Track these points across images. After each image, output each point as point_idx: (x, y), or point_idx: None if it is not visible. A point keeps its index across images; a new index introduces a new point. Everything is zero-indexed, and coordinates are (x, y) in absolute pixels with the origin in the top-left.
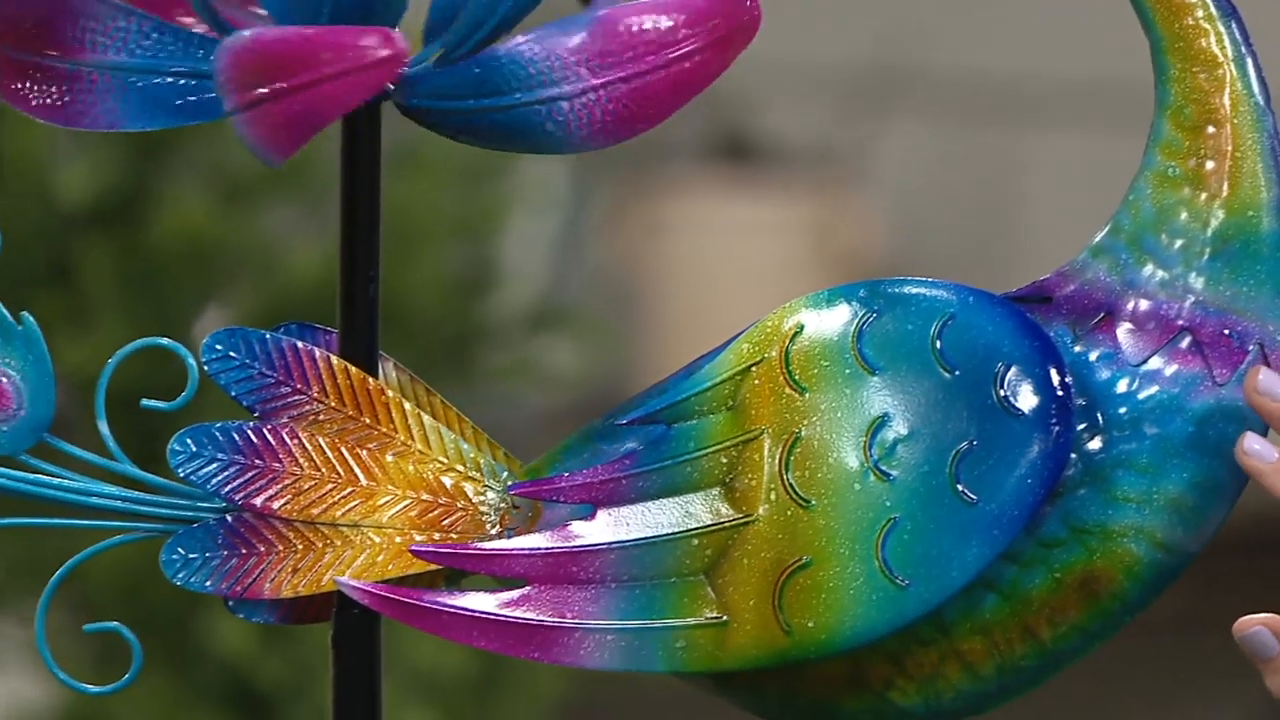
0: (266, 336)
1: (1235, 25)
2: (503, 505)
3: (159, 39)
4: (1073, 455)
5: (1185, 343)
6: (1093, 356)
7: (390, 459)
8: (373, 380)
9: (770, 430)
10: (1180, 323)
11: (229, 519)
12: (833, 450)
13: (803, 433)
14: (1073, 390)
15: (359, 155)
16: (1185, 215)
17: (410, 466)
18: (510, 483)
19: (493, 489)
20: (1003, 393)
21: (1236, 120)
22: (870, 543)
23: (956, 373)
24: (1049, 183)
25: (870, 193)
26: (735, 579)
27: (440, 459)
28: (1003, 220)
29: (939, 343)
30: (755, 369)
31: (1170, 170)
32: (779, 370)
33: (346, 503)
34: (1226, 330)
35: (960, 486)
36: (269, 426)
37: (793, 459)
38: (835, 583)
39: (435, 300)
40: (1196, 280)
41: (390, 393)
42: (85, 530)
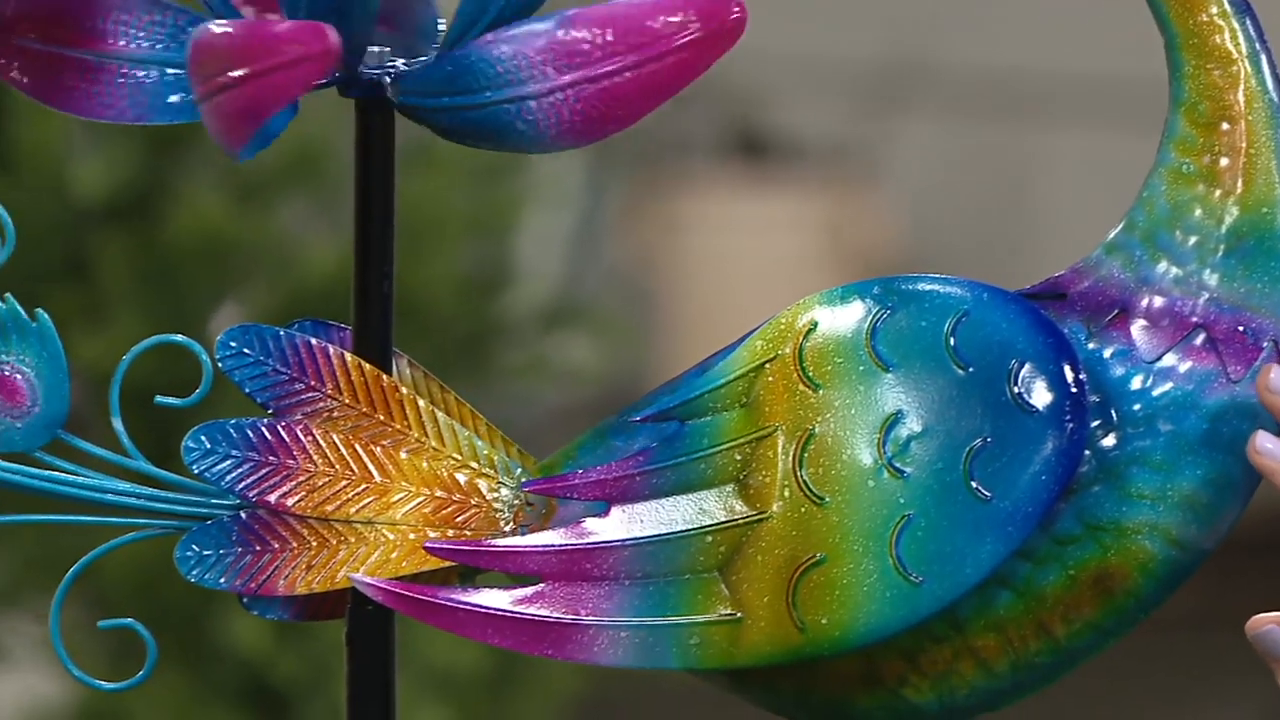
0: (280, 333)
1: (1250, 21)
2: (516, 502)
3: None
4: (1087, 452)
5: (1199, 339)
6: (1107, 353)
7: (404, 456)
8: (387, 377)
9: (784, 427)
10: (1194, 319)
11: (243, 516)
12: (847, 447)
13: (816, 429)
14: (1087, 387)
15: (373, 152)
16: (1199, 212)
17: (424, 463)
18: (524, 479)
19: (507, 486)
20: (1017, 389)
21: (1251, 117)
22: (884, 540)
23: (970, 369)
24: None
25: (885, 189)
26: (749, 576)
27: (454, 456)
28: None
29: (953, 339)
30: (769, 366)
31: (1185, 167)
32: (793, 367)
33: (360, 499)
34: (1241, 327)
35: (974, 483)
36: (283, 423)
37: (806, 456)
38: (849, 580)
39: (450, 297)
40: (1211, 277)
41: (404, 390)
42: (100, 527)
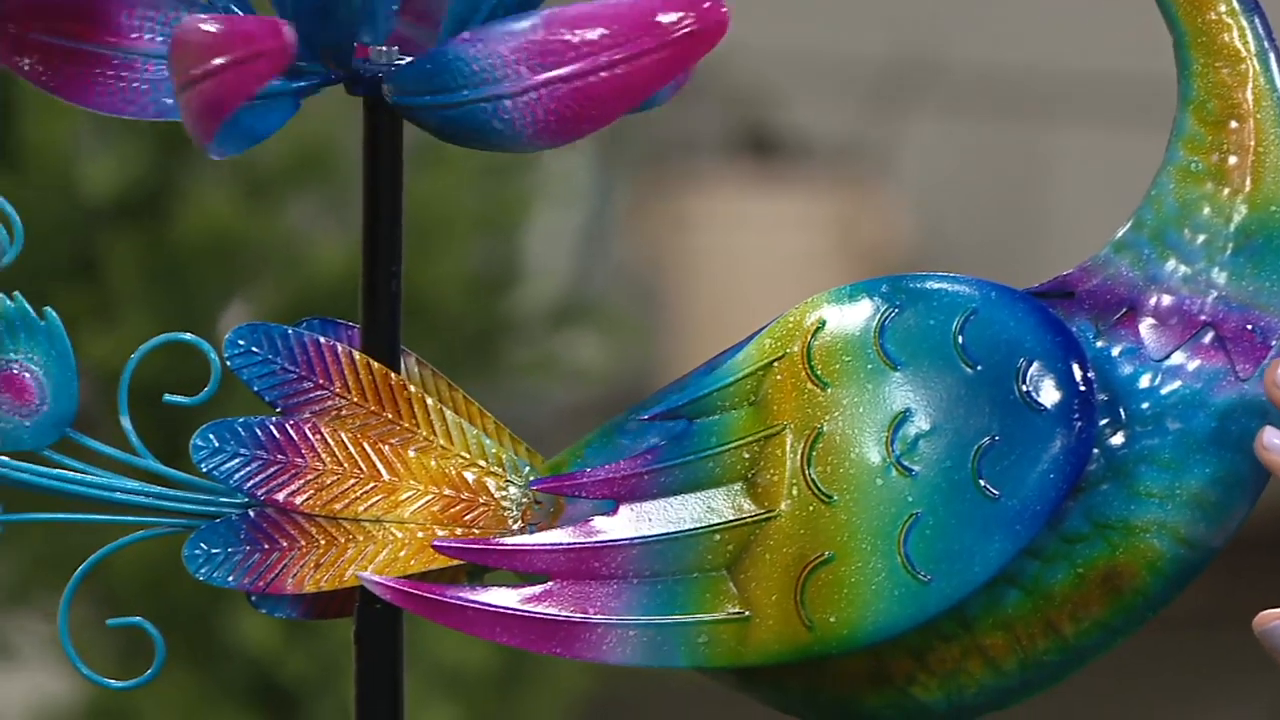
0: (289, 331)
1: (1258, 20)
2: (525, 500)
3: None
4: (1095, 450)
5: (1208, 338)
6: (1115, 352)
7: (412, 454)
8: (395, 375)
9: (792, 425)
10: (1203, 318)
11: (251, 514)
12: (855, 445)
13: (825, 428)
14: (1095, 385)
15: (381, 150)
16: (1208, 210)
17: (432, 462)
18: (532, 478)
19: (515, 484)
20: (1025, 388)
21: (1259, 115)
22: (892, 538)
23: (979, 368)
24: (1072, 178)
25: (894, 188)
26: (757, 574)
27: (462, 454)
28: (1026, 215)
29: (961, 338)
30: (777, 364)
31: (1193, 165)
32: (801, 365)
33: (369, 498)
34: (1249, 325)
35: (982, 482)
36: (291, 422)
37: (815, 454)
38: (857, 578)
39: (458, 295)
40: (1219, 275)
41: (412, 388)
42: (108, 525)
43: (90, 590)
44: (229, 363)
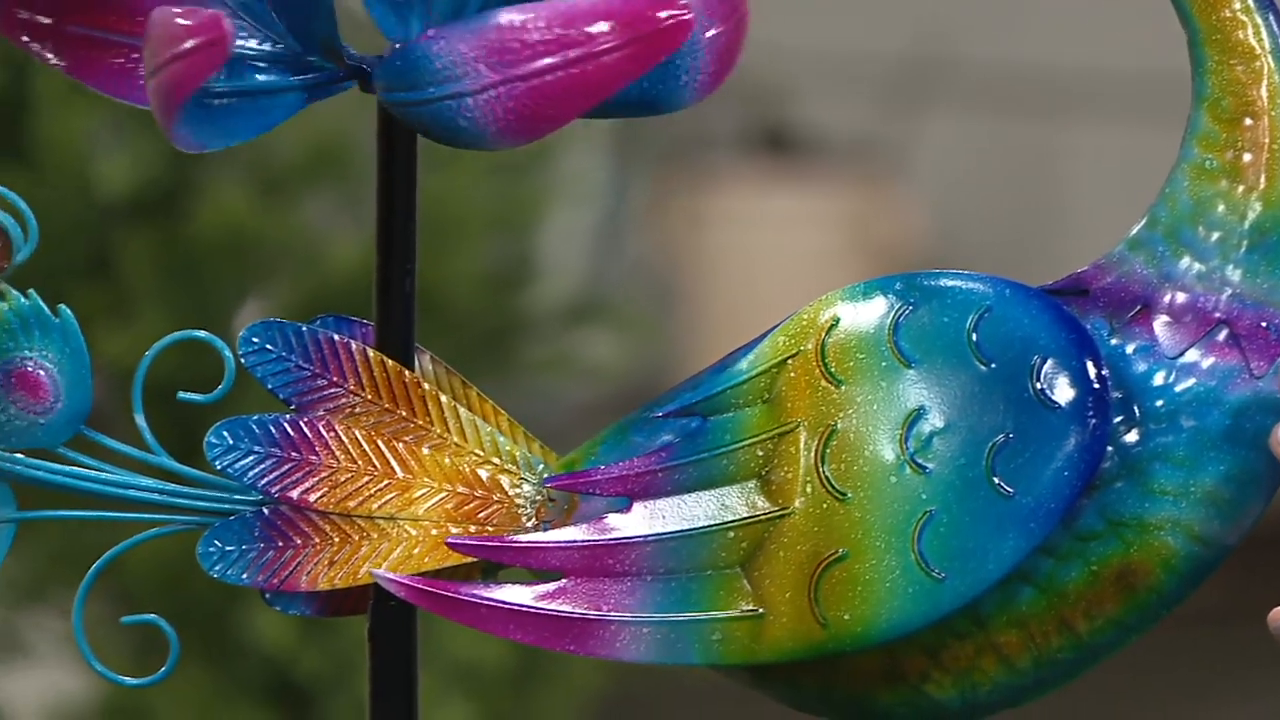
0: (303, 329)
1: (1273, 17)
2: (539, 498)
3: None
4: (1109, 448)
5: (1222, 335)
6: (1129, 349)
7: (426, 452)
8: (409, 373)
9: (806, 423)
10: (1217, 315)
11: (266, 512)
12: (869, 443)
13: (839, 425)
14: (1109, 383)
15: (395, 147)
16: (1222, 208)
17: (446, 459)
18: (546, 475)
19: (529, 482)
20: (1039, 385)
21: (1274, 112)
22: (906, 535)
23: (993, 365)
24: (1087, 175)
25: (909, 185)
26: (771, 572)
27: (476, 452)
28: (1041, 213)
29: (975, 335)
30: (791, 362)
31: (1207, 163)
32: (815, 363)
33: (383, 495)
34: (1264, 323)
35: (996, 479)
36: (305, 419)
37: (829, 452)
38: (871, 575)
39: (473, 293)
40: (1234, 273)
41: (427, 385)
42: (123, 523)
43: (106, 587)
44: (243, 360)
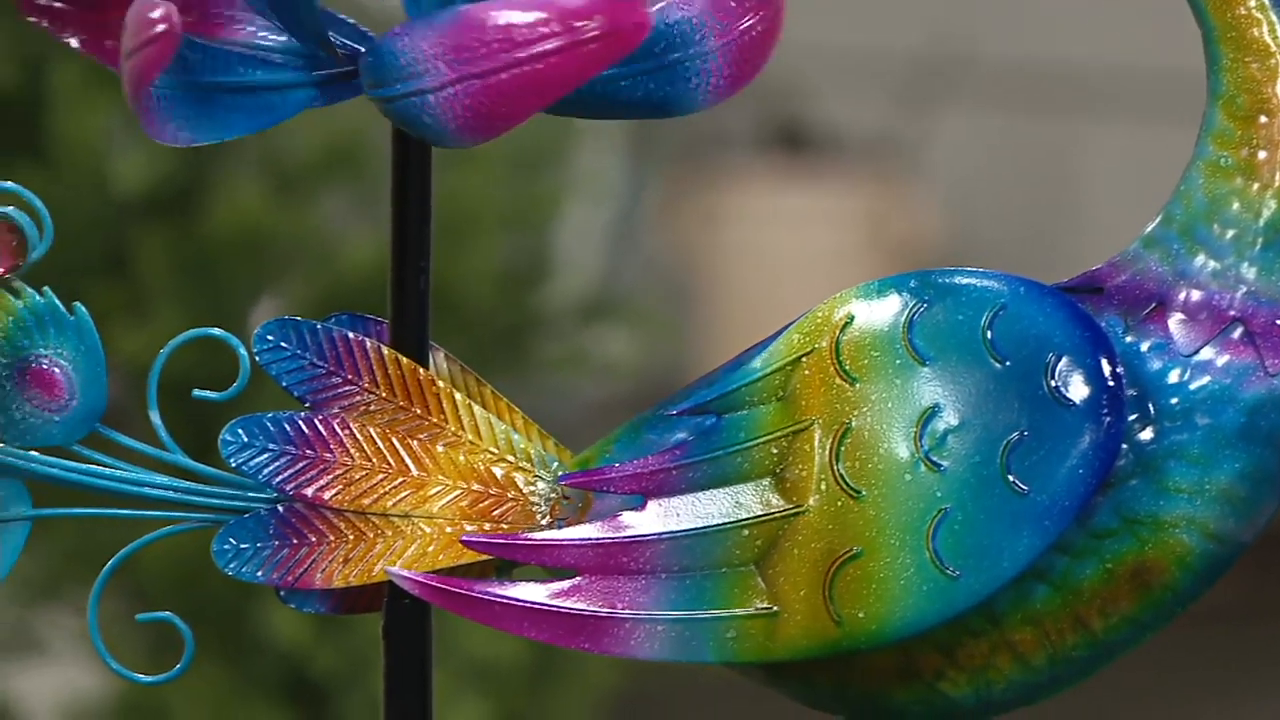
0: (318, 327)
1: None
2: (553, 496)
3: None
4: (1124, 446)
5: (1237, 333)
6: (1144, 347)
7: (441, 449)
8: (423, 371)
9: (821, 421)
10: (1232, 313)
11: (280, 509)
12: (883, 441)
13: (853, 423)
14: (1124, 380)
15: (410, 144)
16: (1237, 205)
17: (461, 457)
18: (560, 473)
19: (543, 479)
20: (1054, 383)
21: None
22: (921, 533)
23: (1007, 363)
24: (1103, 173)
25: (925, 182)
26: (785, 569)
27: (491, 449)
28: (1057, 210)
29: (990, 333)
30: (805, 359)
31: (1222, 160)
32: (829, 361)
33: (397, 493)
34: (1279, 320)
35: (1011, 477)
36: (320, 417)
37: (843, 449)
38: (886, 573)
39: (489, 290)
40: (1249, 270)
41: (441, 383)
42: (137, 520)
43: (121, 585)
44: (258, 358)
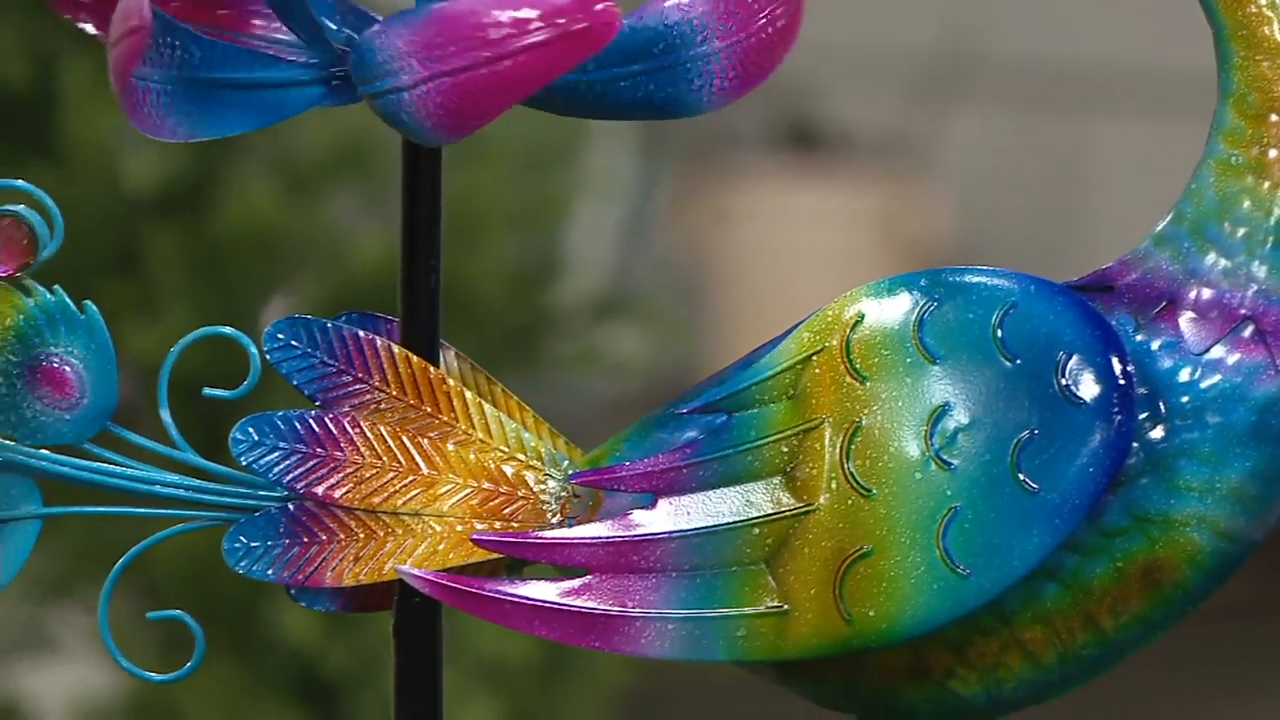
0: (328, 325)
1: None
2: (564, 494)
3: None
4: (1135, 444)
5: (1248, 331)
6: (1155, 345)
7: (451, 448)
8: (434, 369)
9: (831, 419)
10: (1243, 311)
11: (290, 507)
12: (894, 439)
13: (863, 422)
14: (1134, 379)
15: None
16: (1248, 203)
17: (471, 455)
18: (571, 472)
19: (554, 478)
20: (1064, 381)
21: None
22: (931, 532)
23: (1018, 361)
24: (1114, 171)
25: (936, 181)
26: (796, 568)
27: (501, 448)
28: (1069, 209)
29: (1000, 331)
30: (816, 358)
31: (1233, 158)
32: (840, 359)
33: (408, 491)
34: None
35: (1021, 475)
36: (330, 415)
37: (853, 448)
38: (896, 572)
39: (500, 289)
40: (1259, 269)
41: (451, 381)
42: (148, 519)
43: (133, 583)
44: (268, 356)
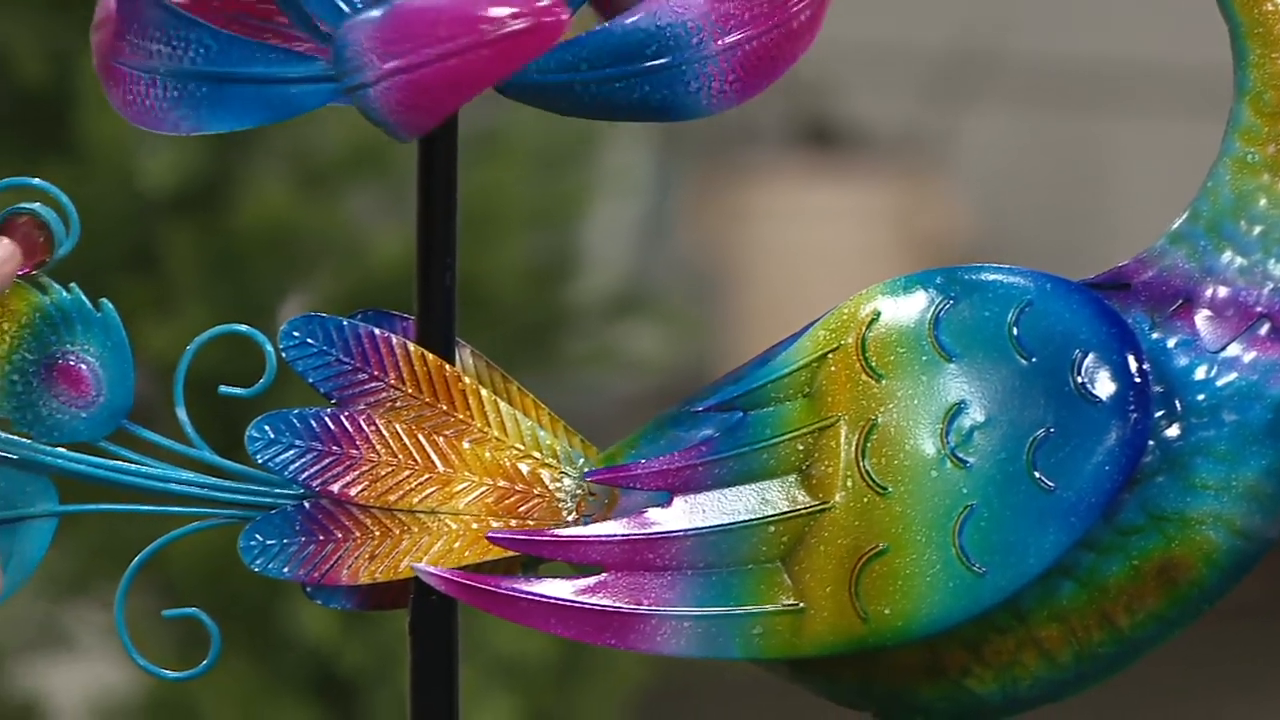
0: (344, 323)
1: None
2: (579, 492)
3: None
4: (1150, 442)
5: (1264, 329)
6: (1171, 343)
7: (467, 446)
8: (449, 367)
9: (847, 417)
10: (1259, 309)
11: (306, 505)
12: (909, 437)
13: (879, 420)
14: (1150, 377)
15: (435, 140)
16: (1264, 201)
17: (487, 453)
18: (587, 469)
19: (569, 475)
20: (1080, 380)
21: None
22: (947, 530)
23: (1033, 360)
24: (1131, 168)
25: (953, 179)
26: (812, 566)
27: (517, 445)
28: (1085, 206)
29: (1016, 329)
30: (832, 356)
31: (1249, 156)
32: (855, 357)
33: (423, 489)
34: None
35: (1037, 474)
36: (346, 413)
37: (869, 446)
38: (912, 570)
39: (517, 287)
40: (1276, 267)
41: (467, 379)
42: (164, 516)
43: (150, 581)
44: (284, 354)
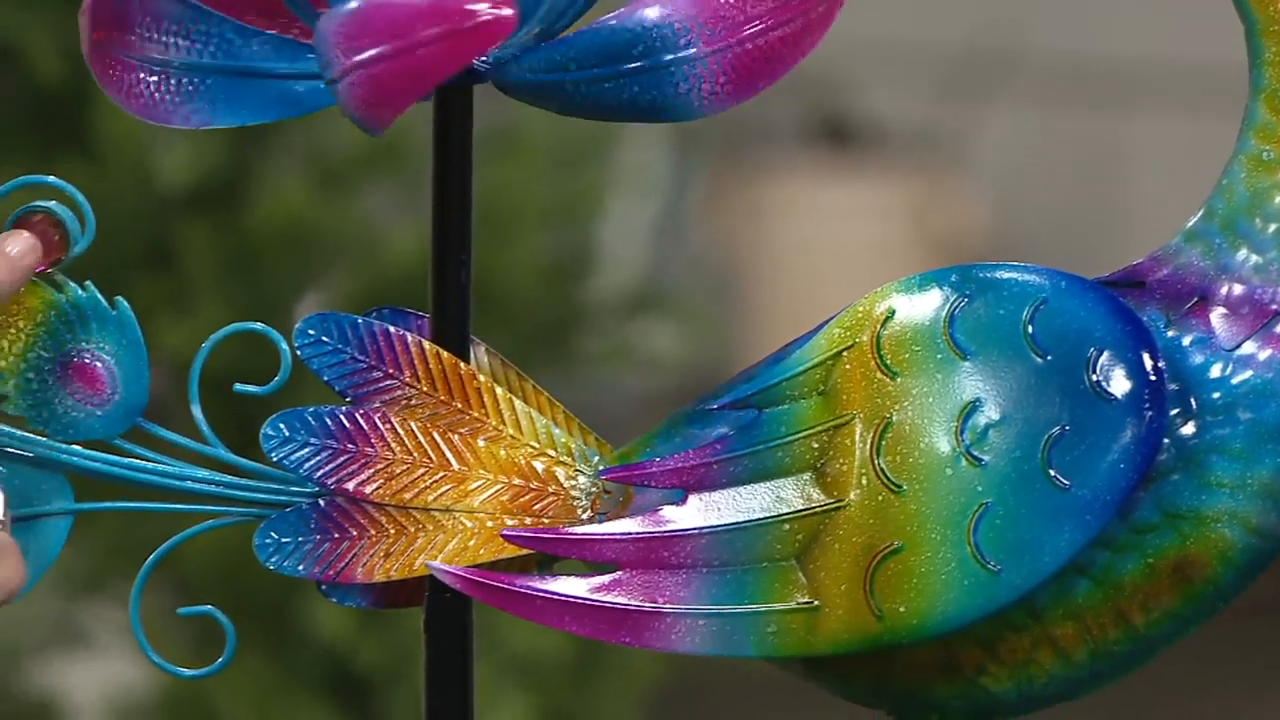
0: (359, 321)
1: None
2: (594, 490)
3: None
4: (1166, 440)
5: (1279, 327)
6: (1186, 341)
7: (482, 444)
8: (464, 365)
9: (862, 415)
10: (1274, 307)
11: (321, 503)
12: (924, 435)
13: (894, 418)
14: (1166, 375)
15: (450, 139)
16: (1279, 199)
17: (502, 451)
18: (601, 467)
19: (584, 474)
20: (1095, 377)
21: None
22: (962, 528)
23: (1049, 357)
24: (1146, 166)
25: (970, 177)
26: (826, 564)
27: (532, 444)
28: (1101, 205)
29: (1031, 327)
30: (847, 354)
31: (1265, 154)
32: (870, 355)
33: (438, 487)
34: None
35: (1052, 472)
36: (361, 411)
37: (884, 444)
38: (927, 568)
39: (532, 284)
40: None
41: (482, 378)
42: (180, 514)
43: (166, 578)
44: (299, 352)
